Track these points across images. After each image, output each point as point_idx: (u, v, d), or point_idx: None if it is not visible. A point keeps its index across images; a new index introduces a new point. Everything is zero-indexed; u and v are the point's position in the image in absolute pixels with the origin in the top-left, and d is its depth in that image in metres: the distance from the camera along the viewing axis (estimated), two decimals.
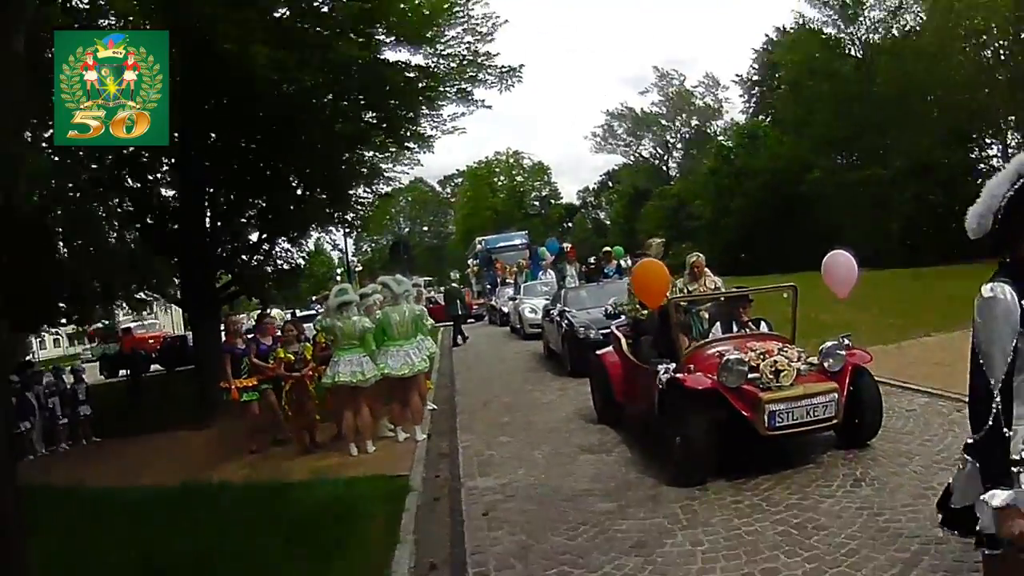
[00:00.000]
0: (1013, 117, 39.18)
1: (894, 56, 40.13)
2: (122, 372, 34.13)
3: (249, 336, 11.49)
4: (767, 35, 55.07)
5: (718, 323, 8.70)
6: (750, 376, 6.86)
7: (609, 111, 73.88)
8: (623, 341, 9.45)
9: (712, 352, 7.53)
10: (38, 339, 46.68)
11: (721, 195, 48.37)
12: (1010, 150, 39.50)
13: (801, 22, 46.86)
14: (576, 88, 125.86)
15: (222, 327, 14.42)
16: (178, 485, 8.80)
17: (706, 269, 10.16)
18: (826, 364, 7.06)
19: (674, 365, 7.44)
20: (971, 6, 35.42)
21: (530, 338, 19.18)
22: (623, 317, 10.09)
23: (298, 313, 31.08)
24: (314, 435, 10.44)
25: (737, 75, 64.94)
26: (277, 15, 15.67)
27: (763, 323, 8.62)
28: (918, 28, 41.71)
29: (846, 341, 7.30)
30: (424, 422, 10.53)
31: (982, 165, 41.82)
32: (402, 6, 16.99)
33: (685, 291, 9.62)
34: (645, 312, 8.94)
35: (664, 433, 7.33)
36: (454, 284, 28.10)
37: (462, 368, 17.19)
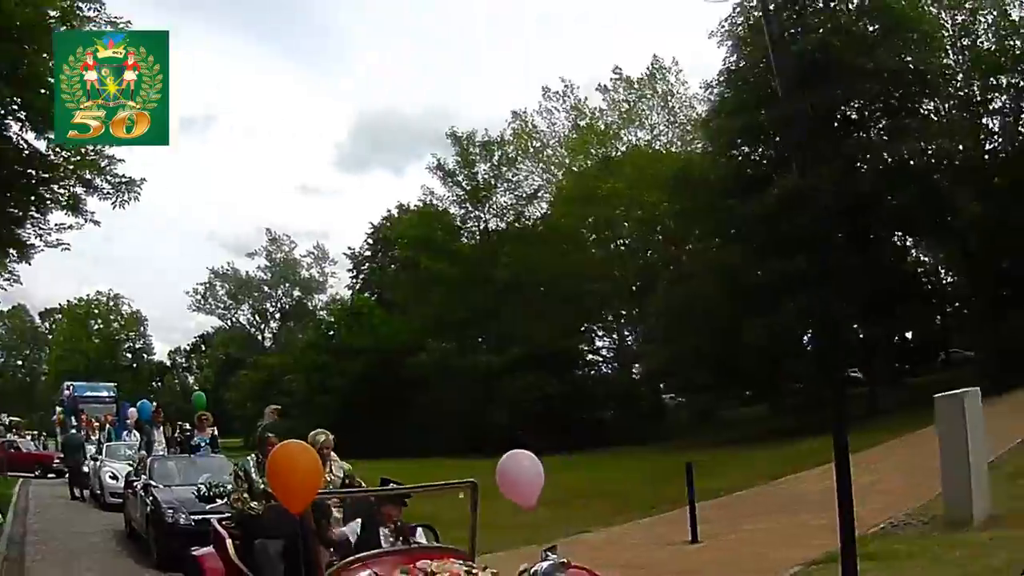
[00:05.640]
0: (625, 312, 42.39)
1: (520, 242, 41.77)
2: None
3: None
4: (388, 210, 54.20)
5: (357, 522, 6.09)
6: None
7: (214, 269, 69.45)
8: (228, 543, 6.64)
9: None
10: None
11: (319, 371, 45.64)
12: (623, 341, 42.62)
13: (429, 200, 46.52)
14: (183, 233, 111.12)
15: None
16: None
17: (332, 453, 7.46)
18: None
19: None
20: (591, 199, 38.45)
21: (113, 508, 16.48)
22: (220, 502, 8.41)
23: None
24: None
25: (349, 248, 61.08)
26: None
27: (421, 530, 6.31)
28: (547, 214, 44.26)
29: (552, 556, 5.12)
30: None
31: (591, 356, 44.52)
32: None
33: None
34: (255, 506, 6.77)
35: None
36: (73, 431, 24.47)
37: (39, 540, 13.68)
